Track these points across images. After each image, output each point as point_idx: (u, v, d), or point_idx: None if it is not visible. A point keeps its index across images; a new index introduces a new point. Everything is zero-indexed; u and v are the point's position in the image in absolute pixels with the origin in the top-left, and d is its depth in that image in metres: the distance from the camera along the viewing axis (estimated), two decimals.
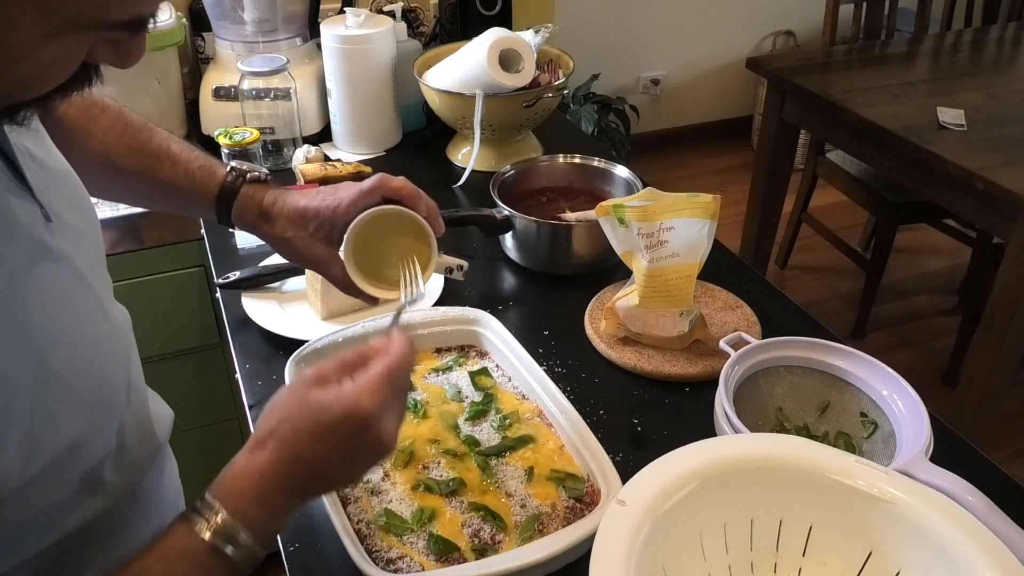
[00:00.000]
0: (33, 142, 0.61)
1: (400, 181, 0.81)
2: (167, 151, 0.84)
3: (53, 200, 0.59)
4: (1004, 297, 1.82)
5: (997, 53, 2.56)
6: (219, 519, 0.56)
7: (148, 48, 1.74)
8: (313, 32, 1.63)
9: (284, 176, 1.50)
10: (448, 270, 0.89)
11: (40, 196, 0.57)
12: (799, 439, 0.70)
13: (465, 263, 0.94)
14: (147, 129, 0.85)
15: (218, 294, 1.17)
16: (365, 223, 0.81)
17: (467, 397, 0.94)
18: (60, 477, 0.56)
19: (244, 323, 1.10)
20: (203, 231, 1.36)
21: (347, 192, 0.81)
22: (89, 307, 0.61)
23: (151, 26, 0.50)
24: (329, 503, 0.77)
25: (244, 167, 0.85)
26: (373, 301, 0.87)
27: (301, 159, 1.48)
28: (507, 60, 1.41)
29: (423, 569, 0.74)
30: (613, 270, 1.19)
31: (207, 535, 0.55)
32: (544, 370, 0.94)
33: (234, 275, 1.15)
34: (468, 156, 1.48)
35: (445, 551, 0.76)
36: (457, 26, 1.85)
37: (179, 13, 1.62)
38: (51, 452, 0.54)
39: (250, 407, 0.98)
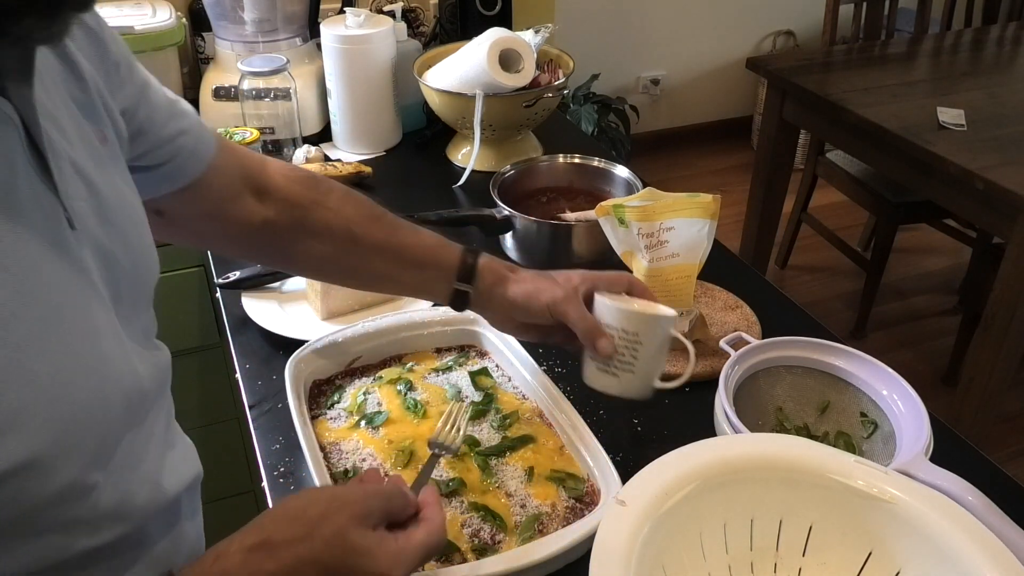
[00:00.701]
0: (91, 160, 0.58)
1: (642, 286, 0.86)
2: (403, 222, 0.87)
3: (87, 214, 0.55)
4: (1004, 297, 1.82)
5: (997, 53, 2.56)
6: None
7: (148, 48, 1.73)
8: (313, 32, 1.63)
9: None
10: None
11: (66, 200, 0.53)
12: (799, 439, 0.70)
13: None
14: (378, 205, 0.87)
15: (218, 294, 1.17)
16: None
17: (467, 397, 0.94)
18: (17, 495, 0.48)
19: (244, 323, 1.10)
20: None
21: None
22: (101, 327, 0.55)
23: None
24: None
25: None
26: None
27: (301, 159, 1.48)
28: (507, 60, 1.41)
29: (423, 569, 0.74)
30: (613, 270, 1.19)
31: None
32: (544, 370, 0.94)
33: (234, 275, 1.15)
34: (468, 156, 1.48)
35: (445, 551, 0.76)
36: (457, 26, 1.85)
37: (179, 13, 1.62)
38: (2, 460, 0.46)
39: (250, 407, 0.98)
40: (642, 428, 0.95)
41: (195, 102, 1.61)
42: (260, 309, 1.11)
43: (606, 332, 0.81)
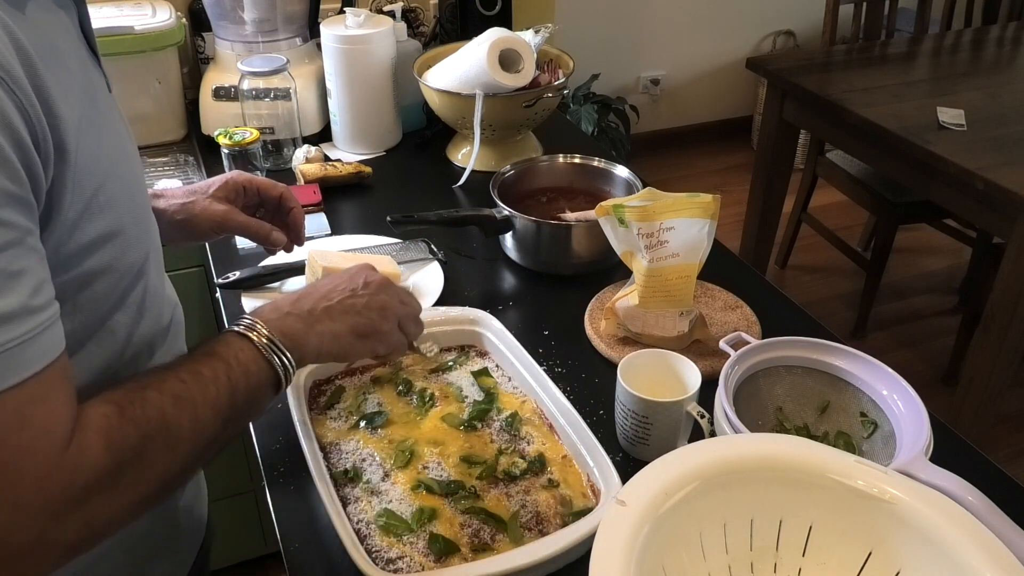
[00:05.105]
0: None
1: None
2: None
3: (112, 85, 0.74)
4: (1004, 297, 1.82)
5: (997, 53, 2.56)
6: (243, 319, 0.71)
7: (148, 48, 1.74)
8: (313, 32, 1.63)
9: (284, 176, 1.50)
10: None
11: (104, 69, 0.72)
12: (799, 439, 0.70)
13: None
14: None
15: (218, 294, 1.18)
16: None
17: (467, 397, 0.94)
18: (111, 260, 0.66)
19: None
20: None
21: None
22: (134, 156, 0.74)
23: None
24: (329, 503, 0.77)
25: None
26: None
27: (301, 159, 1.48)
28: (507, 60, 1.41)
29: (423, 569, 0.74)
30: (613, 270, 1.19)
31: (233, 327, 0.70)
32: (544, 370, 0.94)
33: (234, 275, 1.15)
34: (468, 156, 1.48)
35: (445, 551, 0.76)
36: (457, 26, 1.85)
37: (179, 13, 1.62)
38: (100, 225, 0.63)
39: None
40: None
41: (195, 102, 1.61)
42: None
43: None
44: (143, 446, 0.59)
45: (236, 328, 0.70)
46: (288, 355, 0.70)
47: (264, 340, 0.69)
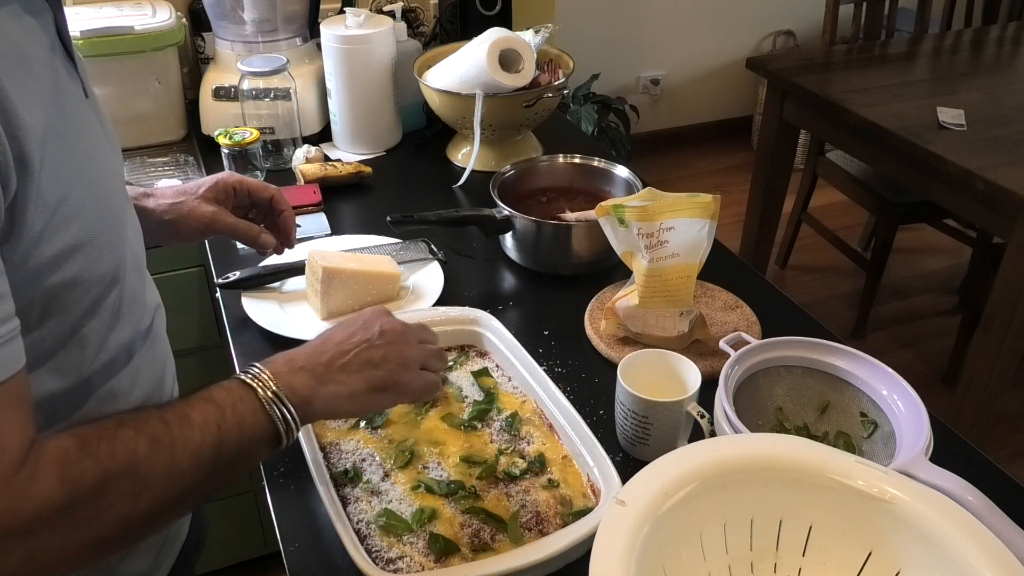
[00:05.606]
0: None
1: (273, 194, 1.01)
2: None
3: (89, 90, 0.72)
4: (1004, 297, 1.82)
5: (997, 53, 2.56)
6: (252, 368, 0.68)
7: (148, 48, 1.74)
8: (313, 32, 1.63)
9: (284, 176, 1.50)
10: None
11: (81, 75, 0.70)
12: (799, 439, 0.70)
13: None
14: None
15: (218, 294, 1.18)
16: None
17: (467, 397, 0.94)
18: (81, 270, 0.64)
19: (244, 323, 1.10)
20: None
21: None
22: (112, 160, 0.72)
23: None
24: (329, 503, 0.77)
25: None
26: None
27: (301, 159, 1.48)
28: (507, 60, 1.41)
29: (423, 569, 0.74)
30: (613, 270, 1.19)
31: (240, 375, 0.67)
32: (544, 370, 0.94)
33: (234, 275, 1.15)
34: (468, 156, 1.48)
35: (445, 551, 0.76)
36: (457, 26, 1.85)
37: (179, 13, 1.62)
38: (67, 236, 0.61)
39: None
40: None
41: (195, 102, 1.61)
42: (260, 309, 1.11)
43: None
44: (103, 485, 0.55)
45: (242, 376, 0.67)
46: (293, 411, 0.67)
47: (270, 393, 0.66)
